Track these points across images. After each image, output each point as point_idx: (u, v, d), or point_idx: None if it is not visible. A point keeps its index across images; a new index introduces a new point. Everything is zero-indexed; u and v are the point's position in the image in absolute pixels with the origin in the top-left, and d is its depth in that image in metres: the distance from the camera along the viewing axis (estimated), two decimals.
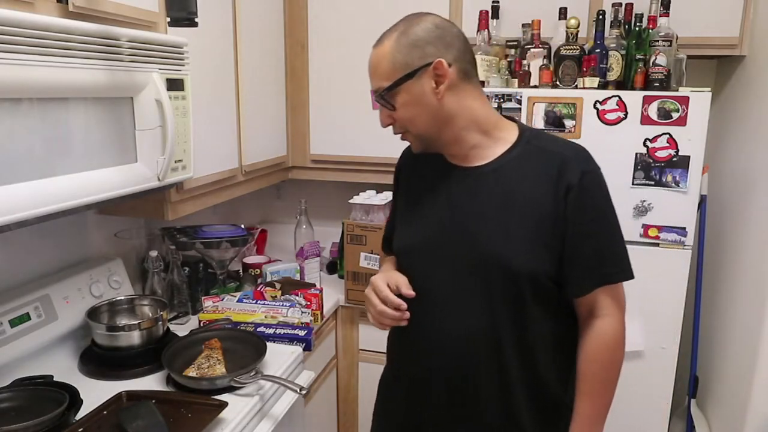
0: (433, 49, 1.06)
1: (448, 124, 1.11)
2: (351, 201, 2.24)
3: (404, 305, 1.13)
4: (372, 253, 2.15)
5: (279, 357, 1.56)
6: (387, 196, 2.28)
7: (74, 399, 1.27)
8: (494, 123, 1.14)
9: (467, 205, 1.13)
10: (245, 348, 1.54)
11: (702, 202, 1.89)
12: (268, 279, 2.11)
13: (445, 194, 1.17)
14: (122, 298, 1.70)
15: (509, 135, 1.14)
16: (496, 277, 1.10)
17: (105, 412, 1.26)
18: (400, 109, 1.10)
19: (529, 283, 1.09)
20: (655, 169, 1.78)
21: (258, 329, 1.70)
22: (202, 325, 1.76)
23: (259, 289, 1.98)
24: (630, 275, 1.12)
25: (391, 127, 1.15)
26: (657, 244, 1.81)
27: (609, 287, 1.12)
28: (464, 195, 1.14)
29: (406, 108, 1.09)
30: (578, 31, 1.88)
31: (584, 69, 1.84)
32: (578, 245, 1.09)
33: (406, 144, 1.23)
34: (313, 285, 2.05)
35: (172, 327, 1.73)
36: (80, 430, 1.19)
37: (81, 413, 1.26)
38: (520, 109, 1.85)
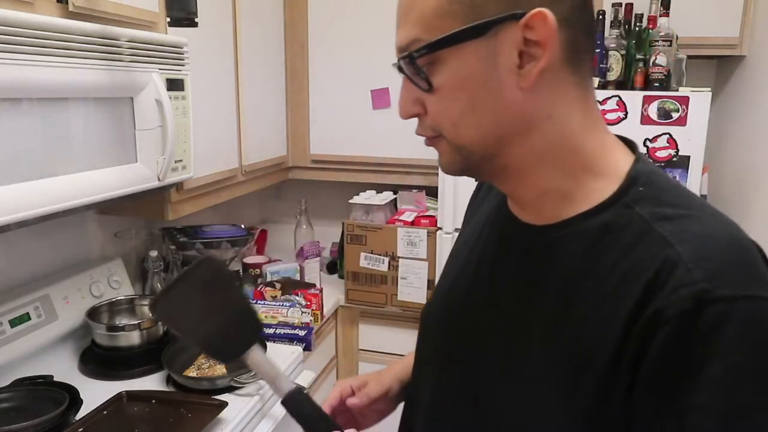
0: None
1: (521, 137, 0.59)
2: (351, 201, 2.24)
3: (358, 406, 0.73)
4: (372, 253, 2.15)
5: (279, 357, 1.56)
6: (387, 196, 2.28)
7: (74, 399, 1.27)
8: (591, 159, 0.61)
9: (493, 284, 0.68)
10: None
11: None
12: (268, 279, 2.11)
13: (479, 255, 0.72)
14: (122, 298, 1.70)
15: (606, 183, 0.60)
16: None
17: (105, 412, 1.26)
18: (442, 92, 0.58)
19: None
20: None
21: None
22: None
23: (259, 289, 1.98)
24: None
25: (414, 121, 0.63)
26: None
27: None
28: (498, 266, 0.68)
29: (452, 91, 0.57)
30: None
31: None
32: None
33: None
34: (313, 285, 2.05)
35: None
36: (80, 430, 1.19)
37: (81, 413, 1.25)
38: None
